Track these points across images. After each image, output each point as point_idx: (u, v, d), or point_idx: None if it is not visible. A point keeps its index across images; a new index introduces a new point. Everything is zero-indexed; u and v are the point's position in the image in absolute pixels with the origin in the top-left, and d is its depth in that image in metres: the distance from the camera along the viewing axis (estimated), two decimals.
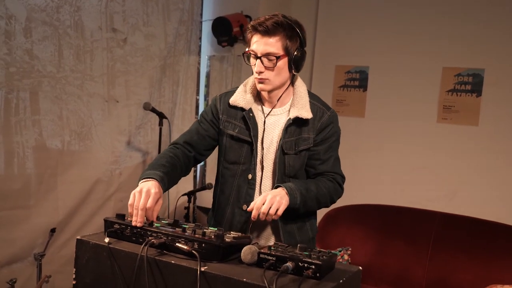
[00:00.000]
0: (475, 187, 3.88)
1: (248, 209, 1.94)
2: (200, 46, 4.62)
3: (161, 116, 3.91)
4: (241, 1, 4.38)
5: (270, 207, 1.89)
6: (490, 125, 3.83)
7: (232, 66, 4.49)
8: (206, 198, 4.55)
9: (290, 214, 2.03)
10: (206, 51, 4.66)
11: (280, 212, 1.92)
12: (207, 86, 4.71)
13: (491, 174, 3.83)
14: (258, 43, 2.01)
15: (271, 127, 2.16)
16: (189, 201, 4.15)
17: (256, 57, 2.03)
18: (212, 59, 4.65)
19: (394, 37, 4.16)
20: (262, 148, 2.15)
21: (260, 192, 2.15)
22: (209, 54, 4.65)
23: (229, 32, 4.19)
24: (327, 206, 2.22)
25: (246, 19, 4.27)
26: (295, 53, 2.04)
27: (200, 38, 4.60)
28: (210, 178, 4.50)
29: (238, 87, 2.23)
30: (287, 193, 1.97)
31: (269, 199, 1.90)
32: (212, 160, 2.38)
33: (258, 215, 1.90)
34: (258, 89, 2.12)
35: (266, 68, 2.02)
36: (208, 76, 4.69)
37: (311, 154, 2.16)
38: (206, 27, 4.55)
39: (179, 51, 4.35)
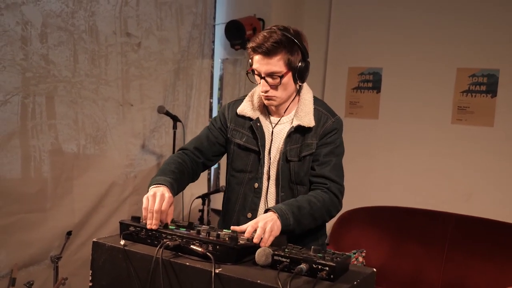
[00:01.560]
0: (490, 188, 3.85)
1: (239, 233, 1.79)
2: (213, 50, 4.64)
3: (175, 119, 3.93)
4: (254, 4, 4.39)
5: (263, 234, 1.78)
6: (505, 126, 3.80)
7: (245, 69, 4.50)
8: (220, 201, 4.51)
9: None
10: (220, 55, 4.68)
11: (272, 239, 1.80)
12: (220, 89, 4.73)
13: (506, 176, 3.80)
14: (260, 64, 2.01)
15: (277, 136, 2.17)
16: (203, 204, 4.17)
17: (261, 77, 2.03)
18: (225, 62, 4.67)
19: (408, 39, 4.15)
20: (269, 158, 2.16)
21: (266, 201, 2.17)
22: (222, 57, 4.67)
23: (242, 35, 4.21)
24: (325, 221, 2.13)
25: (259, 22, 4.28)
26: (299, 65, 2.03)
27: (213, 42, 4.63)
28: (224, 181, 4.51)
29: (246, 95, 2.25)
30: (278, 216, 1.85)
31: (261, 226, 1.78)
32: (225, 163, 2.40)
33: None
34: (266, 104, 2.14)
35: (271, 86, 2.03)
36: (221, 79, 4.71)
37: (313, 157, 2.13)
38: (219, 31, 4.57)
39: (192, 55, 4.37)
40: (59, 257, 3.35)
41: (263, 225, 1.78)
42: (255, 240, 1.74)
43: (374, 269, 1.71)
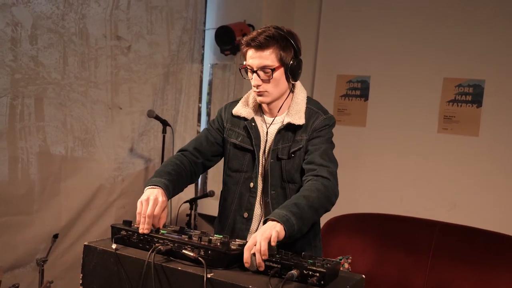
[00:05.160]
0: (475, 197, 3.90)
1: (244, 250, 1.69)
2: (203, 55, 4.66)
3: (165, 123, 3.94)
4: (244, 10, 4.41)
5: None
6: (490, 136, 3.86)
7: (235, 75, 4.52)
8: (207, 206, 4.57)
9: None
10: (209, 59, 4.69)
11: (273, 243, 1.67)
12: (209, 94, 4.74)
13: (491, 184, 3.85)
14: (253, 58, 2.05)
15: (271, 136, 2.19)
16: (191, 208, 4.17)
17: (253, 71, 2.07)
18: (214, 67, 4.69)
19: (396, 48, 4.19)
20: (264, 158, 2.18)
21: (262, 200, 2.18)
22: (212, 63, 4.68)
23: (232, 41, 4.22)
24: (327, 209, 1.98)
25: (249, 28, 4.30)
26: (291, 62, 2.07)
27: (203, 47, 4.64)
28: (211, 186, 4.52)
29: (242, 97, 2.29)
30: (278, 221, 1.73)
31: (259, 240, 1.65)
32: (213, 168, 2.41)
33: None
34: (258, 101, 2.16)
35: (263, 81, 2.06)
36: (210, 84, 4.72)
37: (304, 151, 2.11)
38: (209, 36, 4.59)
39: (182, 59, 4.38)
40: (45, 260, 3.33)
41: (263, 237, 1.66)
42: (258, 258, 1.63)
43: (363, 276, 1.73)
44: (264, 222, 1.77)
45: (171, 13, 4.20)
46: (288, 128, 2.14)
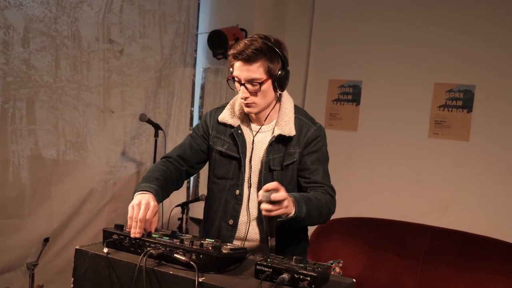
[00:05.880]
0: (466, 201, 3.93)
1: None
2: (195, 58, 4.66)
3: (157, 127, 3.94)
4: (237, 14, 4.42)
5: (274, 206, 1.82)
6: (480, 140, 3.89)
7: (227, 78, 4.52)
8: (198, 210, 4.56)
9: (281, 227, 2.01)
10: (201, 63, 4.70)
11: (275, 213, 1.83)
12: (201, 97, 4.74)
13: (481, 189, 3.88)
14: (241, 71, 2.03)
15: (258, 145, 2.19)
16: (182, 212, 4.16)
17: (240, 83, 2.06)
18: (207, 71, 4.69)
19: (387, 53, 4.22)
20: (250, 166, 2.18)
21: (248, 208, 2.18)
22: (204, 67, 4.69)
23: (224, 45, 4.23)
24: (326, 220, 2.14)
25: (242, 32, 4.31)
26: (279, 73, 2.06)
27: (196, 51, 4.64)
28: (203, 190, 4.51)
29: (228, 103, 2.27)
30: (293, 202, 1.89)
31: (280, 195, 1.80)
32: (205, 171, 2.41)
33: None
34: (246, 111, 2.15)
35: (251, 93, 2.05)
36: (202, 88, 4.73)
37: (300, 167, 2.17)
38: (202, 40, 4.59)
39: (174, 63, 4.38)
40: (35, 264, 3.30)
41: (284, 198, 1.83)
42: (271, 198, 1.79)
43: (354, 280, 1.74)
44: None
45: (164, 17, 4.20)
46: (279, 140, 2.15)
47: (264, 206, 1.81)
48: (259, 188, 2.16)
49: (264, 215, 1.87)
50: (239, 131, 2.18)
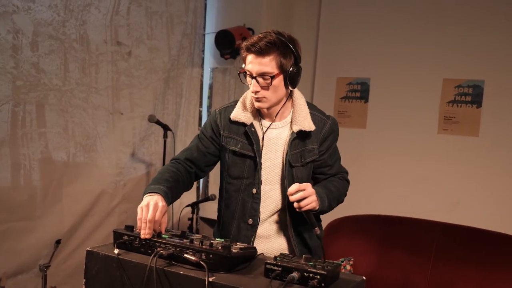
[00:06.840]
0: (476, 197, 3.91)
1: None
2: (203, 59, 4.67)
3: (166, 128, 3.95)
4: (244, 14, 4.43)
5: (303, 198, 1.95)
6: (490, 136, 3.87)
7: (235, 78, 4.53)
8: (209, 209, 4.58)
9: (301, 221, 2.13)
10: (209, 64, 4.71)
11: (304, 208, 1.96)
12: (210, 97, 4.76)
13: (491, 184, 3.86)
14: (253, 64, 2.02)
15: (274, 141, 2.17)
16: (192, 212, 4.17)
17: (252, 77, 2.04)
18: (214, 71, 4.70)
19: (395, 49, 4.21)
20: (266, 163, 2.18)
21: (266, 206, 2.18)
22: (212, 67, 4.70)
23: (231, 44, 4.24)
24: (340, 201, 2.30)
25: (249, 32, 4.32)
26: (291, 69, 2.04)
27: (203, 51, 4.66)
28: (213, 189, 4.53)
29: (236, 101, 2.25)
30: (317, 196, 2.01)
31: (307, 192, 1.95)
32: (215, 171, 2.40)
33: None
34: (256, 106, 2.13)
35: (262, 87, 2.04)
36: (211, 88, 4.74)
37: (319, 163, 2.21)
38: (209, 40, 4.61)
39: (182, 64, 4.40)
40: (47, 265, 3.33)
41: (311, 194, 1.98)
42: (296, 197, 1.94)
43: (364, 277, 1.74)
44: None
45: (171, 18, 4.22)
46: (297, 135, 2.14)
47: (297, 204, 1.95)
48: (281, 184, 2.16)
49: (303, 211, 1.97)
50: (253, 129, 2.16)
